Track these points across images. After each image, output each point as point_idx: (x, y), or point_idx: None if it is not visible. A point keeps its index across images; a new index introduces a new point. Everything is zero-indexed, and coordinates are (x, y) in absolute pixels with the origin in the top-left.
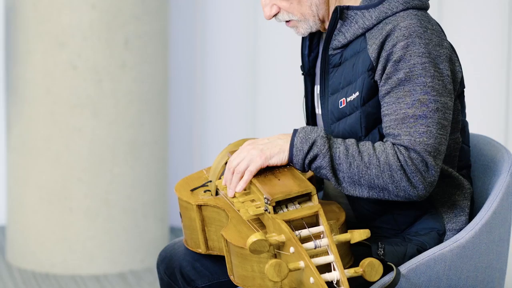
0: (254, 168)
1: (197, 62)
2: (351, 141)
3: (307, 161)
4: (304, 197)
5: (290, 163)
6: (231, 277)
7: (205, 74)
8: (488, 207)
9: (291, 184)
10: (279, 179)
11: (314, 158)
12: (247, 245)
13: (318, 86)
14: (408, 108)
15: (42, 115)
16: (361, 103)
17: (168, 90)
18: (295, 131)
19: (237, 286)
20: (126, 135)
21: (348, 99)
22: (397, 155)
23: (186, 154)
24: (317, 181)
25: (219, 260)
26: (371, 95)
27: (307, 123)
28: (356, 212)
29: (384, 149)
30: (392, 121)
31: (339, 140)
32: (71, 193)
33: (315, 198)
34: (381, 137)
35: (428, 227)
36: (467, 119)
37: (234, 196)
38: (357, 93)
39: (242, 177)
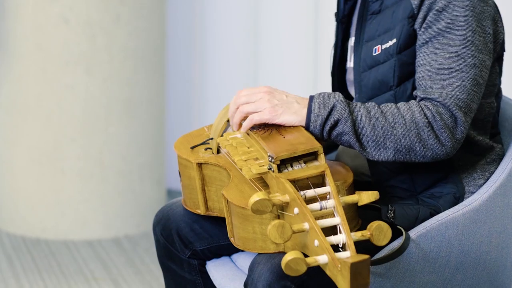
0: (258, 118)
1: (196, 15)
2: (371, 104)
3: (327, 127)
4: (310, 156)
5: (306, 130)
6: (231, 239)
7: (204, 27)
8: (502, 169)
9: (297, 142)
10: (284, 137)
11: (335, 124)
12: (249, 204)
13: (353, 38)
14: (445, 60)
15: (32, 72)
16: (397, 50)
17: (165, 45)
18: (312, 97)
19: (238, 249)
20: (121, 93)
21: (384, 46)
22: (423, 111)
23: (184, 112)
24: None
25: (219, 223)
26: (409, 43)
27: (332, 74)
28: (372, 169)
29: (409, 107)
30: (425, 72)
31: (359, 104)
32: (63, 154)
33: (321, 157)
34: (413, 91)
35: (445, 191)
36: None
37: (238, 130)
38: (394, 40)
39: (244, 117)
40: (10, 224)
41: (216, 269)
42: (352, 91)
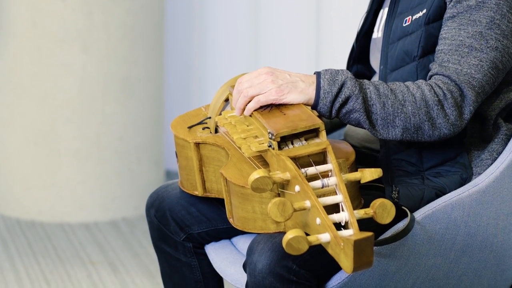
0: (264, 99)
1: None
2: (378, 81)
3: (337, 104)
4: (312, 133)
5: (313, 109)
6: (230, 220)
7: (204, 3)
8: (510, 149)
9: (298, 119)
10: (284, 114)
11: (346, 100)
12: (248, 182)
13: (386, 9)
14: (467, 38)
15: (27, 50)
16: (426, 21)
17: (164, 22)
18: (318, 73)
19: (237, 233)
20: (118, 72)
21: (414, 17)
22: (434, 90)
23: (183, 92)
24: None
25: (217, 206)
26: (438, 16)
27: (356, 42)
28: (382, 140)
29: (418, 86)
30: (446, 45)
31: (366, 81)
32: (59, 134)
33: (323, 134)
34: None
35: (452, 170)
36: None
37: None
38: (424, 11)
39: (249, 101)
40: (5, 206)
41: (216, 252)
42: (373, 62)
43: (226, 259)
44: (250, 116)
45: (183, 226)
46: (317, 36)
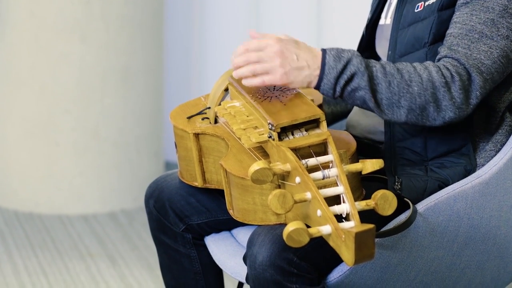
0: (269, 82)
1: None
2: (386, 61)
3: (341, 81)
4: (312, 124)
5: (316, 88)
6: (230, 212)
7: None
8: None
9: (298, 109)
10: (284, 104)
11: (351, 77)
12: (248, 174)
13: None
14: (479, 24)
15: (25, 40)
16: (439, 7)
17: (163, 12)
18: (324, 50)
19: (237, 224)
20: (117, 62)
21: (427, 3)
22: (441, 71)
23: (183, 82)
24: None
25: (217, 196)
26: (451, 2)
27: (366, 30)
28: (387, 127)
29: (425, 67)
30: (456, 29)
31: (373, 60)
32: (58, 125)
33: (323, 124)
34: None
35: (456, 161)
36: None
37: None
38: None
39: (253, 75)
40: (2, 198)
41: (215, 244)
42: (379, 49)
43: (226, 251)
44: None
45: (182, 217)
46: (318, 30)
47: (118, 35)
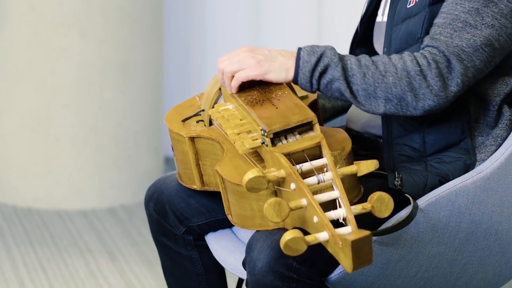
0: (244, 75)
1: None
2: (363, 55)
3: (316, 73)
4: (305, 127)
5: (294, 82)
6: (229, 217)
7: None
8: None
9: (290, 112)
10: (277, 107)
11: (325, 69)
12: (243, 182)
13: None
14: (463, 13)
15: (24, 35)
16: (430, 2)
17: (163, 6)
18: (300, 47)
19: None
20: (116, 57)
21: None
22: (416, 60)
23: (182, 76)
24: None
25: (216, 197)
26: None
27: (360, 26)
28: (384, 123)
29: (401, 57)
30: (441, 19)
31: (348, 54)
32: (57, 120)
33: (316, 127)
34: None
35: (456, 156)
36: None
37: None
38: None
39: (231, 78)
40: (1, 193)
41: (216, 240)
42: (377, 46)
43: (227, 247)
44: (239, 101)
45: (182, 219)
46: (319, 30)
47: (118, 30)
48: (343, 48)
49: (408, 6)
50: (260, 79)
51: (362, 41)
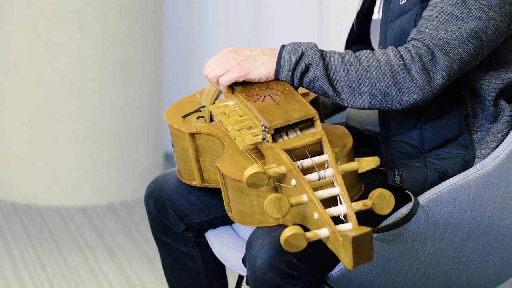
0: (227, 78)
1: None
2: (347, 51)
3: (297, 73)
4: (306, 123)
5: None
6: (229, 213)
7: None
8: None
9: (291, 109)
10: (278, 104)
11: (306, 69)
12: (243, 178)
13: None
14: (449, 5)
15: (23, 30)
16: None
17: (163, 2)
18: (283, 45)
19: None
20: (116, 52)
21: None
22: (400, 54)
23: (182, 72)
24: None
25: (216, 194)
26: None
27: (356, 22)
28: (381, 121)
29: (384, 52)
30: (428, 11)
31: (333, 50)
32: (56, 116)
33: (318, 123)
34: None
35: (454, 152)
36: None
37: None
38: None
39: (218, 83)
40: (0, 189)
41: (216, 237)
42: (374, 43)
43: (227, 243)
44: (240, 99)
45: (182, 216)
46: (319, 30)
47: (117, 25)
48: (343, 47)
49: (400, 3)
50: (243, 80)
51: (359, 38)
